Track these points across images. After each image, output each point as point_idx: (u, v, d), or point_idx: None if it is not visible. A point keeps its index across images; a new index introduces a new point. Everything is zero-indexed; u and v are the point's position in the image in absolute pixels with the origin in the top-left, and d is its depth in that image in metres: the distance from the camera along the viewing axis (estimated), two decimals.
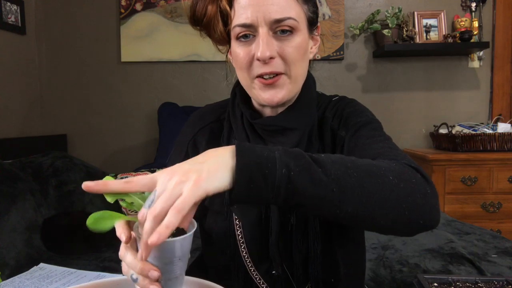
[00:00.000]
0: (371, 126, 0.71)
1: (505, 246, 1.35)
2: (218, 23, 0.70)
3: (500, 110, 2.48)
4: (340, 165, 0.53)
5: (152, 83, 2.54)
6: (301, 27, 0.68)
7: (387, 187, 0.53)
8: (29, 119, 2.40)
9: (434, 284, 0.74)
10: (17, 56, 2.29)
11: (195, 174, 0.46)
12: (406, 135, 2.50)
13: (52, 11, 2.50)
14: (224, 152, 0.50)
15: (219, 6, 0.69)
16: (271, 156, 0.50)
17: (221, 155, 0.50)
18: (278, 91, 0.68)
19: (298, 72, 0.69)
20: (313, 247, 0.70)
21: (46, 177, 1.63)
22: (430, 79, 2.50)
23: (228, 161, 0.49)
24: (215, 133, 0.80)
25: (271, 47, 0.65)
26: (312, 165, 0.51)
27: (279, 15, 0.65)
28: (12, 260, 1.25)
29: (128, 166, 2.41)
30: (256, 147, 0.51)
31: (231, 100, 0.79)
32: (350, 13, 2.50)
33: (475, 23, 2.41)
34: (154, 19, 2.48)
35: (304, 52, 0.69)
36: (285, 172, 0.49)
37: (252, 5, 0.65)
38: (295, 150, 0.52)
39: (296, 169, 0.49)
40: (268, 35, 0.65)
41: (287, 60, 0.67)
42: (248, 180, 0.48)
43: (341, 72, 2.52)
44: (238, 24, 0.66)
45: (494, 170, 2.06)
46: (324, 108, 0.78)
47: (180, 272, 0.49)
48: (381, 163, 0.56)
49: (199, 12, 0.70)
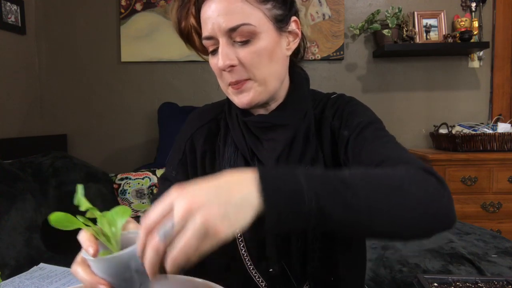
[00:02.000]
0: (374, 126, 0.71)
1: (505, 246, 1.35)
2: (193, 37, 0.75)
3: (500, 110, 2.48)
4: (368, 185, 0.52)
5: (152, 83, 2.54)
6: (262, 29, 0.67)
7: (412, 203, 0.53)
8: (29, 119, 2.40)
9: (434, 284, 0.74)
10: (17, 56, 2.29)
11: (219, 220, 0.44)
12: (406, 135, 2.50)
13: (52, 11, 2.50)
14: (249, 188, 0.47)
15: (189, 23, 0.73)
16: (298, 187, 0.48)
17: (246, 193, 0.47)
18: (245, 95, 0.70)
19: (264, 74, 0.69)
20: (312, 246, 0.71)
21: (46, 177, 1.63)
22: (430, 79, 2.50)
23: (253, 200, 0.47)
24: (213, 132, 0.81)
25: (230, 56, 0.67)
26: (341, 190, 0.50)
27: (232, 23, 0.65)
28: (12, 260, 1.25)
29: (128, 166, 2.41)
30: (280, 176, 0.49)
31: (227, 99, 0.80)
32: (350, 13, 2.50)
33: (475, 23, 2.41)
34: (154, 19, 2.48)
35: (269, 54, 0.69)
36: (314, 204, 0.48)
37: (209, 18, 0.67)
38: (320, 172, 0.52)
39: (325, 197, 0.49)
40: (228, 44, 0.67)
41: (247, 66, 0.68)
42: (278, 216, 0.47)
43: (341, 72, 2.52)
44: (204, 37, 0.70)
45: (494, 170, 2.06)
46: (323, 106, 0.77)
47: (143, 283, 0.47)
48: (402, 173, 0.56)
49: (179, 28, 0.75)
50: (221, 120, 0.81)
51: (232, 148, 0.77)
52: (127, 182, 1.94)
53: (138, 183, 1.94)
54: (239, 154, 0.76)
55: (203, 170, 0.79)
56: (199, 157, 0.79)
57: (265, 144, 0.73)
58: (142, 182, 1.94)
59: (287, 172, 0.50)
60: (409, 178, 0.55)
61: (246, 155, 0.75)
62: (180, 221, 0.43)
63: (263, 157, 0.73)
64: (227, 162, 0.76)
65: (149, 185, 1.94)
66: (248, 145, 0.75)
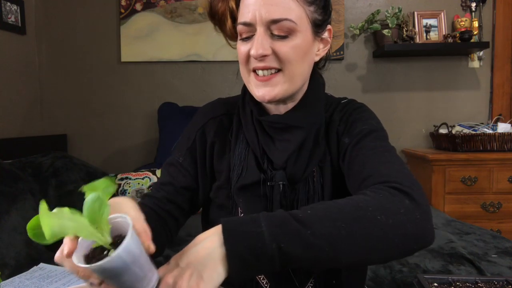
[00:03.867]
0: (374, 135, 0.71)
1: (505, 246, 1.35)
2: (227, 20, 0.74)
3: (500, 110, 2.48)
4: (328, 220, 0.54)
5: (152, 83, 2.54)
6: (301, 29, 0.68)
7: (377, 229, 0.54)
8: (29, 119, 2.40)
9: (434, 284, 0.74)
10: (17, 56, 2.29)
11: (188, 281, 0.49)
12: (406, 135, 2.50)
13: (52, 11, 2.50)
14: (213, 243, 0.52)
15: (228, 4, 0.73)
16: (259, 233, 0.51)
17: (210, 248, 0.52)
18: (272, 89, 0.70)
19: (295, 71, 0.70)
20: None
21: (46, 177, 1.63)
22: (430, 79, 2.50)
23: (218, 252, 0.51)
24: (224, 126, 0.81)
25: (265, 46, 0.67)
26: (300, 229, 0.52)
27: (276, 15, 0.66)
28: (12, 260, 1.25)
29: (128, 166, 2.41)
30: (241, 224, 0.53)
31: (241, 96, 0.81)
32: (350, 13, 2.50)
33: (475, 23, 2.41)
34: (154, 19, 2.48)
35: (303, 53, 0.70)
36: (275, 246, 0.51)
37: (253, 4, 0.67)
38: (279, 216, 0.54)
39: (285, 239, 0.51)
40: (265, 34, 0.67)
41: (281, 58, 0.68)
42: (242, 264, 0.51)
43: (341, 72, 2.52)
44: (240, 22, 0.69)
45: (494, 170, 2.06)
46: (333, 110, 0.78)
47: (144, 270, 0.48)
48: (367, 200, 0.57)
49: (213, 8, 0.75)
50: (234, 116, 0.81)
51: (243, 145, 0.78)
52: (127, 182, 1.94)
53: (138, 183, 1.94)
54: (250, 151, 0.77)
55: (211, 161, 0.80)
56: (208, 147, 0.80)
57: (277, 144, 0.74)
58: (142, 182, 1.94)
59: (249, 219, 0.53)
60: (375, 204, 0.56)
61: (257, 153, 0.75)
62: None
63: (274, 156, 0.74)
64: (238, 158, 0.77)
65: (149, 185, 1.94)
66: (260, 143, 0.75)
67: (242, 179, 0.75)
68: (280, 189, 0.73)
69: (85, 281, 0.50)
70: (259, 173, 0.74)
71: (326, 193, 0.74)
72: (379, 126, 0.75)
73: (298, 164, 0.73)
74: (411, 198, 0.57)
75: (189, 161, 0.80)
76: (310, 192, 0.74)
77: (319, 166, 0.75)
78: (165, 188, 0.78)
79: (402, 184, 0.59)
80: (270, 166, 0.75)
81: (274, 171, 0.74)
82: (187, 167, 0.79)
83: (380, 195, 0.57)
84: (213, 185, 0.80)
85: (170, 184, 0.78)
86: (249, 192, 0.74)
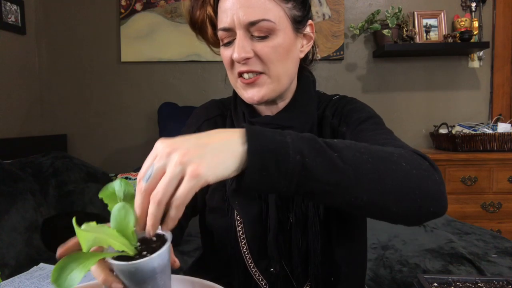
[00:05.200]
0: (373, 121, 0.72)
1: (505, 246, 1.35)
2: (207, 28, 0.74)
3: (500, 110, 2.48)
4: (355, 150, 0.51)
5: (152, 83, 2.54)
6: (281, 27, 0.68)
7: (401, 173, 0.52)
8: (29, 119, 2.40)
9: (434, 284, 0.74)
10: (17, 56, 2.29)
11: (196, 159, 0.44)
12: (406, 135, 2.50)
13: (52, 11, 2.50)
14: (232, 136, 0.47)
15: (206, 12, 0.73)
16: (284, 141, 0.48)
17: (228, 140, 0.47)
18: (258, 89, 0.70)
19: (279, 71, 0.70)
20: (313, 246, 0.71)
21: (46, 177, 1.63)
22: (430, 79, 2.50)
23: (236, 147, 0.46)
24: (218, 127, 0.80)
25: (246, 49, 0.67)
26: (327, 150, 0.49)
27: (252, 17, 0.65)
28: (12, 260, 1.25)
29: (128, 166, 2.41)
30: (266, 131, 0.49)
31: (233, 97, 0.81)
32: (350, 13, 2.50)
33: (475, 23, 2.41)
34: (154, 19, 2.48)
35: (285, 52, 0.69)
36: (299, 158, 0.47)
37: (230, 9, 0.67)
38: (308, 135, 0.51)
39: (310, 154, 0.48)
40: (245, 37, 0.67)
41: (263, 59, 0.68)
42: (260, 167, 0.46)
43: (341, 72, 2.52)
44: (220, 28, 0.69)
45: (494, 170, 2.06)
46: (324, 107, 0.78)
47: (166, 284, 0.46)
48: (392, 149, 0.56)
49: (192, 18, 0.74)
50: (227, 117, 0.81)
51: None
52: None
53: None
54: None
55: None
56: None
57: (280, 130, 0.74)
58: None
59: (276, 130, 0.50)
60: (400, 153, 0.55)
61: None
62: (159, 162, 0.44)
63: None
64: None
65: None
66: None
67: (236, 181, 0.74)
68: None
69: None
70: None
71: None
72: (375, 113, 0.75)
73: None
74: (430, 163, 0.57)
75: None
76: None
77: None
78: None
79: (418, 151, 0.59)
80: None
81: None
82: None
83: (402, 151, 0.56)
84: (209, 188, 0.80)
85: None
86: (244, 194, 0.73)
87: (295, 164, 0.47)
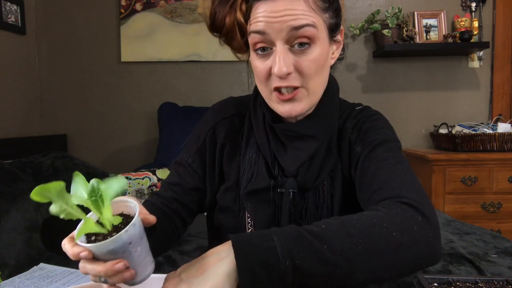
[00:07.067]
0: (387, 146, 0.70)
1: (505, 246, 1.35)
2: (236, 34, 0.69)
3: (500, 110, 2.48)
4: (344, 235, 0.53)
5: (152, 83, 2.54)
6: (321, 35, 0.66)
7: (393, 246, 0.53)
8: (29, 119, 2.40)
9: (434, 284, 0.74)
10: (17, 56, 2.29)
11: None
12: (406, 135, 2.50)
13: (52, 11, 2.50)
14: (223, 257, 0.51)
15: (236, 17, 0.68)
16: (271, 247, 0.50)
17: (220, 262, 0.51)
18: (297, 104, 0.67)
19: (317, 85, 0.68)
20: None
21: (46, 177, 1.63)
22: (430, 79, 2.50)
23: (228, 267, 0.50)
24: (235, 127, 0.80)
25: (287, 63, 0.63)
26: (315, 244, 0.51)
27: (296, 22, 0.62)
28: (12, 260, 1.25)
29: (128, 166, 2.41)
30: (253, 239, 0.51)
31: (253, 97, 0.79)
32: (350, 13, 2.50)
33: (475, 23, 2.41)
34: (154, 19, 2.48)
35: (323, 63, 0.68)
36: (289, 262, 0.49)
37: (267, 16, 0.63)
38: (293, 230, 0.52)
39: (299, 255, 0.50)
40: (285, 49, 0.64)
41: (304, 74, 0.65)
42: (251, 281, 0.49)
43: (341, 72, 2.52)
44: (253, 30, 0.65)
45: (494, 170, 2.06)
46: (346, 117, 0.77)
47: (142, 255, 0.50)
48: (381, 216, 0.56)
49: (218, 22, 0.69)
50: (245, 117, 0.80)
51: (254, 149, 0.76)
52: (127, 182, 1.94)
53: (138, 183, 1.94)
54: (260, 157, 0.75)
55: (220, 163, 0.79)
56: (218, 149, 0.79)
57: (289, 151, 0.73)
58: (142, 182, 1.94)
59: (262, 234, 0.52)
60: (389, 220, 0.55)
61: (268, 159, 0.74)
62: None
63: (286, 163, 0.73)
64: (248, 163, 0.76)
65: (149, 185, 1.94)
66: (271, 149, 0.74)
67: (251, 184, 0.74)
68: (290, 197, 0.72)
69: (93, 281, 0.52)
70: (269, 179, 0.73)
71: (335, 202, 0.73)
72: (393, 136, 0.74)
73: (309, 173, 0.72)
74: (423, 215, 0.57)
75: (198, 162, 0.79)
76: (319, 201, 0.73)
77: (329, 175, 0.74)
78: (174, 189, 0.77)
79: (414, 200, 0.59)
80: (281, 173, 0.73)
81: (284, 178, 0.73)
82: (196, 169, 0.78)
83: (393, 211, 0.57)
84: (221, 187, 0.79)
85: (178, 184, 0.78)
86: (258, 197, 0.73)
87: (286, 269, 0.49)
